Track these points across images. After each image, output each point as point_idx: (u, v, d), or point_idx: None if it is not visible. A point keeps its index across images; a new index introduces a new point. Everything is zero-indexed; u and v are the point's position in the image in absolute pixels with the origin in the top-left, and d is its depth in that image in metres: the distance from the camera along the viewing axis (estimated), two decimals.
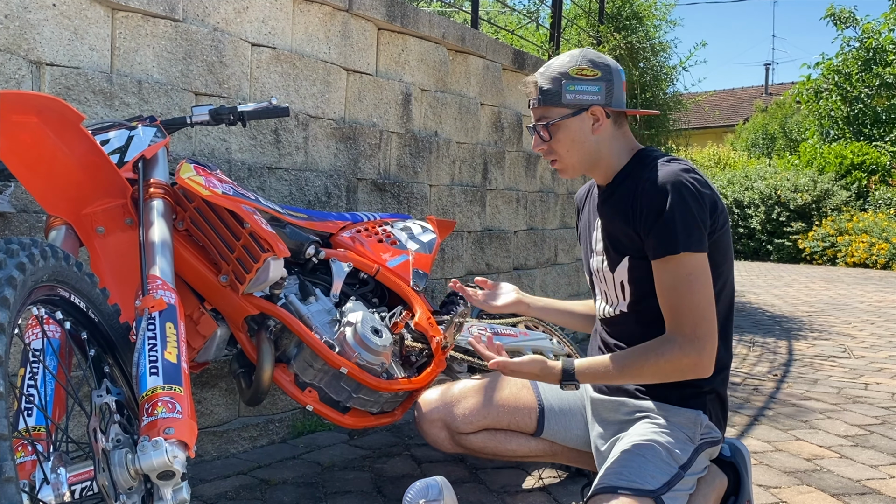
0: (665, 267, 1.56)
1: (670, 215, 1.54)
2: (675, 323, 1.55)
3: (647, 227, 1.58)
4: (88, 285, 1.31)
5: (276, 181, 2.72)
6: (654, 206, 1.56)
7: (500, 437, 1.91)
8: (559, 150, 1.69)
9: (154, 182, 1.72)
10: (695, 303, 1.53)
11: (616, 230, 1.68)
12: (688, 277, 1.54)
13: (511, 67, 4.13)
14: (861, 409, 3.28)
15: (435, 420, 1.92)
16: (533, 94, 1.69)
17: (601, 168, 1.72)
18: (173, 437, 1.22)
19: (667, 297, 1.56)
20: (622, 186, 1.69)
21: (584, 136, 1.67)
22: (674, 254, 1.53)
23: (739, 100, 25.33)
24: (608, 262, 1.72)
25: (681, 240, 1.53)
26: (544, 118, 1.68)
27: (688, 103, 7.61)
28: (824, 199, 13.37)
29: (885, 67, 16.00)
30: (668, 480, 1.52)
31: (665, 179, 1.57)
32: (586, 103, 1.65)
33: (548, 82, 1.66)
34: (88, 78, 2.14)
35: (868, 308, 6.94)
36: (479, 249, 3.88)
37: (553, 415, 1.88)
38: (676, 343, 1.54)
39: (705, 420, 1.67)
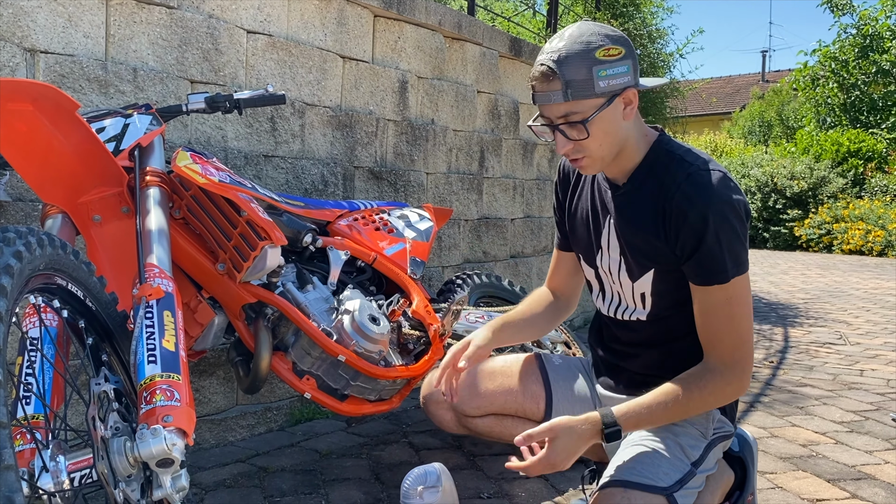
0: (708, 292, 1.47)
1: (716, 242, 1.43)
2: (715, 351, 1.49)
3: (688, 250, 1.47)
4: (85, 273, 1.31)
5: (273, 169, 2.71)
6: (697, 230, 1.44)
7: (507, 423, 1.85)
8: (591, 146, 1.47)
9: (150, 170, 1.71)
10: (734, 327, 1.47)
11: (642, 242, 1.55)
12: (729, 302, 1.46)
13: (508, 55, 4.11)
14: (856, 396, 3.30)
15: (441, 402, 1.85)
16: (551, 86, 1.42)
17: (621, 159, 1.54)
18: (172, 424, 1.23)
19: (706, 320, 1.49)
20: (645, 188, 1.54)
21: (617, 125, 1.47)
22: (722, 283, 1.45)
23: (736, 87, 25.30)
24: (627, 270, 1.60)
25: (729, 268, 1.45)
26: (574, 114, 1.43)
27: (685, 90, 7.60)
28: (820, 186, 13.38)
29: (881, 54, 15.97)
30: (681, 478, 1.47)
31: (708, 200, 1.43)
32: (619, 88, 1.44)
33: (573, 71, 1.40)
34: (83, 65, 2.12)
35: (864, 295, 6.96)
36: (475, 237, 3.88)
37: (561, 404, 1.82)
38: (718, 372, 1.47)
39: (717, 414, 1.63)
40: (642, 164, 1.56)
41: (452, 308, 2.20)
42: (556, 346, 2.74)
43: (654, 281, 1.56)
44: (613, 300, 1.69)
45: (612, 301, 1.70)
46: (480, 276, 2.84)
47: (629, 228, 1.58)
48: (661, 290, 1.57)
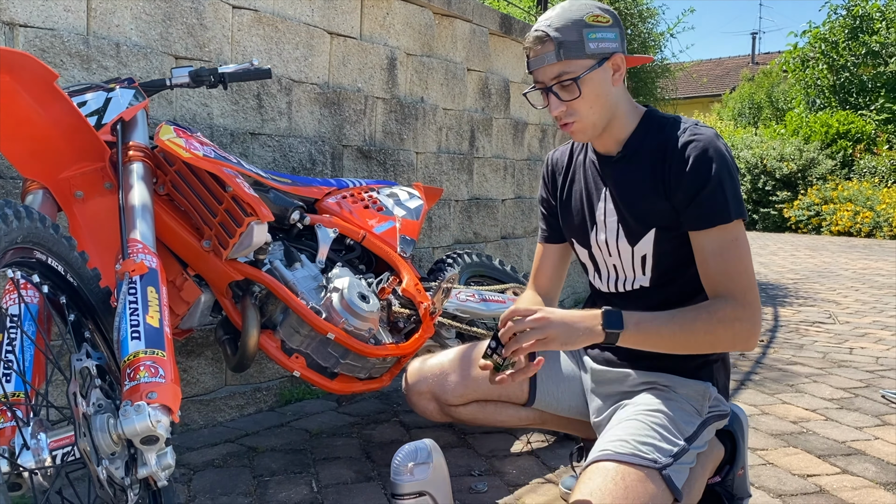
0: (711, 235, 1.48)
1: (718, 183, 1.46)
2: (726, 287, 1.47)
3: (689, 195, 1.48)
4: (66, 248, 1.28)
5: (260, 147, 2.67)
6: (698, 172, 1.47)
7: (490, 409, 1.84)
8: (582, 108, 1.52)
9: (133, 145, 1.68)
10: (744, 268, 1.47)
11: (641, 198, 1.56)
12: (735, 242, 1.47)
13: (498, 32, 4.07)
14: (846, 373, 3.31)
15: (424, 392, 1.84)
16: (545, 49, 1.49)
17: (613, 129, 1.58)
18: (156, 401, 1.20)
19: (713, 264, 1.48)
20: (642, 151, 1.57)
21: (607, 89, 1.53)
22: (726, 222, 1.46)
23: (726, 69, 25.28)
24: (627, 235, 1.60)
25: (732, 207, 1.46)
26: (566, 73, 1.49)
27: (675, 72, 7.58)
28: (810, 168, 13.42)
29: (871, 36, 15.98)
30: (674, 453, 1.45)
31: (705, 144, 1.49)
32: (608, 52, 1.51)
33: (565, 33, 1.48)
34: (64, 40, 2.08)
35: (852, 275, 6.99)
36: (466, 218, 3.85)
37: (545, 385, 1.81)
38: (730, 304, 1.45)
39: (714, 392, 1.62)
40: (636, 131, 1.59)
41: (443, 286, 2.18)
42: None
43: (656, 241, 1.57)
44: (611, 275, 1.68)
45: (609, 276, 1.69)
46: (471, 255, 2.82)
47: (627, 192, 1.59)
48: (663, 250, 1.57)
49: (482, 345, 1.89)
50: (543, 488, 1.98)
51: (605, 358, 1.72)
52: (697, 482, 1.57)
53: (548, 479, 2.05)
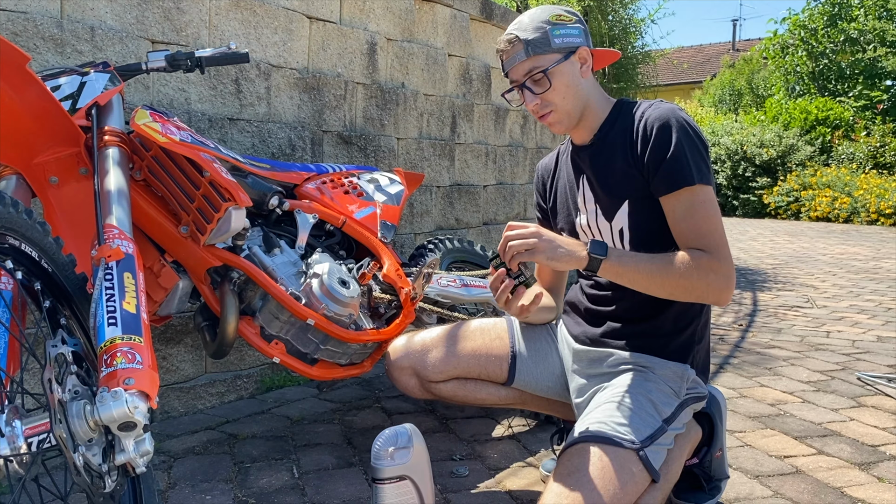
0: (679, 198, 1.54)
1: (680, 148, 1.53)
2: (699, 244, 1.53)
3: (656, 162, 1.55)
4: (40, 234, 1.26)
5: (238, 133, 2.65)
6: (661, 140, 1.55)
7: (470, 386, 1.87)
8: (555, 98, 1.63)
9: (109, 129, 1.65)
10: (713, 226, 1.53)
11: (613, 174, 1.64)
12: (704, 204, 1.53)
13: (479, 17, 4.05)
14: (823, 356, 3.35)
15: (405, 368, 1.88)
16: (514, 49, 1.62)
17: (588, 118, 1.68)
18: (134, 387, 1.19)
19: (684, 225, 1.54)
20: (612, 132, 1.66)
21: (576, 80, 1.64)
22: (690, 185, 1.52)
23: (707, 56, 25.37)
24: (603, 211, 1.67)
25: (694, 172, 1.52)
26: (536, 67, 1.61)
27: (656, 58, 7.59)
28: (789, 154, 13.52)
29: (849, 23, 16.10)
30: (651, 434, 1.47)
31: (667, 115, 1.57)
32: (574, 45, 1.63)
33: (531, 33, 1.61)
34: (37, 23, 2.04)
35: (830, 260, 7.07)
36: (448, 204, 3.85)
37: (524, 364, 1.84)
38: (706, 256, 1.51)
39: (692, 374, 1.64)
40: (608, 118, 1.68)
41: (424, 271, 2.17)
42: None
43: (630, 213, 1.62)
44: None
45: None
46: (452, 241, 2.82)
47: (600, 172, 1.67)
48: (638, 220, 1.62)
49: (464, 324, 1.93)
50: (524, 472, 2.00)
51: (587, 337, 1.74)
52: (675, 463, 1.58)
53: (529, 463, 2.06)
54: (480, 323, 1.93)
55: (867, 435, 2.30)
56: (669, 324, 1.65)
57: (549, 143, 5.05)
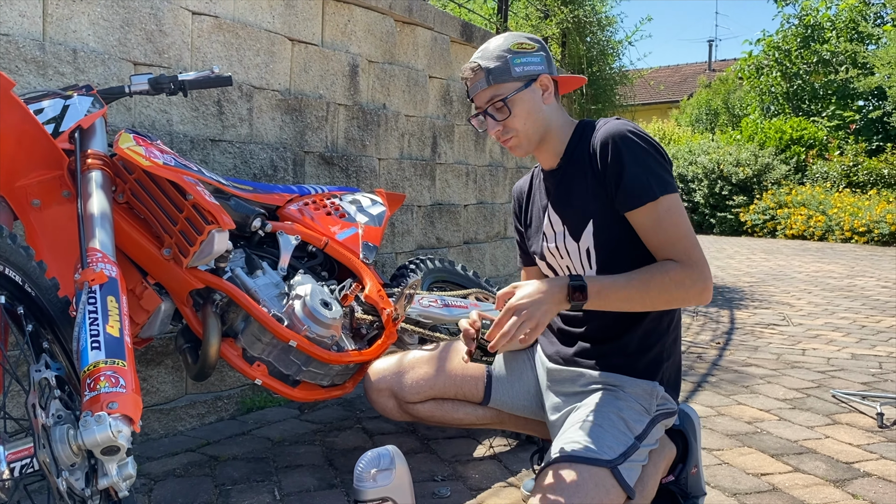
0: (645, 212, 1.56)
1: (635, 163, 1.56)
2: (671, 254, 1.56)
3: (615, 179, 1.58)
4: (23, 258, 1.27)
5: (220, 154, 2.66)
6: (615, 157, 1.57)
7: (448, 407, 1.90)
8: (516, 125, 1.67)
9: (92, 153, 1.66)
10: (682, 233, 1.56)
11: (578, 195, 1.68)
12: (668, 213, 1.56)
13: (459, 40, 4.10)
14: (798, 374, 3.40)
15: (383, 389, 1.91)
16: (477, 77, 1.66)
17: (550, 142, 1.71)
18: (117, 411, 1.19)
19: (654, 237, 1.57)
20: (575, 155, 1.69)
21: (537, 106, 1.67)
22: (652, 200, 1.55)
23: (684, 76, 25.72)
24: (570, 232, 1.70)
25: (654, 186, 1.55)
26: (497, 96, 1.65)
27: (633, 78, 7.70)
28: (765, 173, 13.73)
29: (822, 44, 16.44)
30: (625, 451, 1.50)
31: (615, 131, 1.59)
32: (535, 73, 1.66)
33: (492, 61, 1.65)
34: (19, 46, 2.05)
35: (806, 278, 7.17)
36: (429, 223, 3.87)
37: (500, 384, 1.87)
38: (679, 266, 1.54)
39: (661, 391, 1.67)
40: (570, 141, 1.72)
41: (406, 292, 2.19)
42: None
43: (595, 231, 1.65)
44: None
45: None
46: (434, 260, 2.84)
47: (566, 192, 1.71)
48: (603, 238, 1.65)
49: (442, 345, 1.96)
50: (505, 492, 2.01)
51: (560, 356, 1.77)
52: (650, 480, 1.61)
53: (510, 483, 2.07)
54: (454, 344, 1.95)
55: (842, 452, 2.34)
56: (637, 343, 1.68)
57: (528, 163, 5.10)
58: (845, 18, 16.35)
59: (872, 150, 14.48)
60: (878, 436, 2.51)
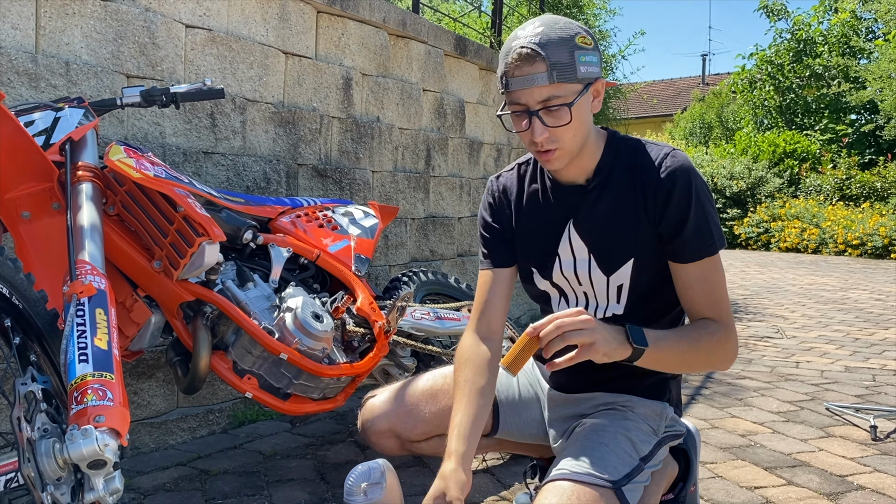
0: (699, 266, 1.48)
1: (702, 213, 1.46)
2: (711, 312, 1.50)
3: (676, 226, 1.47)
4: (11, 270, 1.26)
5: (213, 166, 2.65)
6: (684, 203, 1.45)
7: None
8: (566, 135, 1.42)
9: (82, 165, 1.66)
10: (723, 293, 1.50)
11: (619, 228, 1.52)
12: (716, 269, 1.50)
13: (453, 53, 4.12)
14: (792, 387, 3.40)
15: (384, 431, 1.77)
16: (535, 67, 1.36)
17: (583, 156, 1.51)
18: (104, 425, 1.18)
19: (698, 291, 1.49)
20: (615, 177, 1.52)
21: (588, 115, 1.46)
22: (712, 255, 1.48)
23: (677, 90, 25.86)
24: (601, 264, 1.55)
25: (717, 238, 1.49)
26: (557, 98, 1.38)
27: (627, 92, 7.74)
28: (758, 186, 13.80)
29: (814, 59, 16.56)
30: (629, 472, 1.44)
31: (686, 172, 1.46)
32: (593, 76, 1.42)
33: (558, 53, 1.36)
34: (11, 58, 2.05)
35: (799, 291, 7.18)
36: (423, 236, 3.87)
37: (507, 412, 1.78)
38: (720, 326, 1.48)
39: (670, 412, 1.63)
40: (605, 156, 1.54)
41: (398, 304, 2.19)
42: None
43: (634, 271, 1.53)
44: (580, 302, 1.63)
45: (579, 303, 1.63)
46: (426, 273, 2.84)
47: (602, 221, 1.54)
48: (641, 279, 1.54)
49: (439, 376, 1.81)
50: None
51: (563, 383, 1.70)
52: (651, 500, 1.58)
53: (502, 497, 2.06)
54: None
55: (836, 465, 2.34)
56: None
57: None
58: (837, 33, 16.49)
59: (865, 164, 14.56)
60: (871, 449, 2.50)
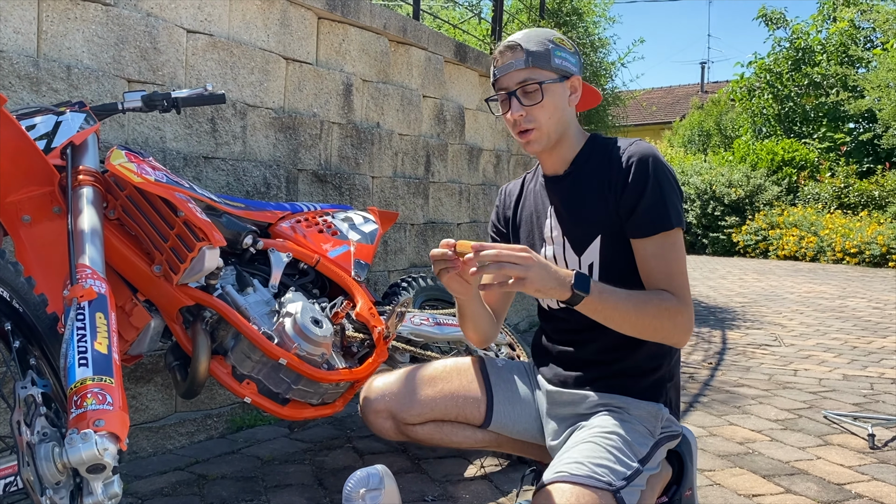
0: (654, 240, 1.57)
1: (659, 190, 1.56)
2: (667, 286, 1.56)
3: (632, 201, 1.57)
4: (12, 274, 1.26)
5: (213, 171, 2.66)
6: (641, 180, 1.57)
7: (447, 429, 1.84)
8: (541, 115, 1.62)
9: (83, 169, 1.66)
10: (680, 269, 1.57)
11: (586, 208, 1.65)
12: (674, 246, 1.57)
13: (453, 60, 4.13)
14: (790, 395, 3.40)
15: (381, 410, 1.83)
16: (515, 55, 1.61)
17: (563, 146, 1.69)
18: (104, 429, 1.18)
19: (654, 265, 1.58)
20: (587, 166, 1.68)
21: (564, 104, 1.65)
22: (668, 230, 1.56)
23: (676, 97, 25.91)
24: (573, 245, 1.67)
25: (672, 215, 1.56)
26: (531, 79, 1.60)
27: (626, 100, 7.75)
28: (757, 194, 13.81)
29: (813, 67, 16.60)
30: (628, 475, 1.46)
31: (647, 155, 1.59)
32: (569, 71, 1.64)
33: (534, 45, 1.62)
34: (13, 62, 2.05)
35: (797, 299, 7.19)
36: (422, 242, 3.87)
37: (501, 406, 1.82)
38: (674, 298, 1.55)
39: (666, 413, 1.65)
40: (582, 151, 1.70)
41: (397, 310, 2.19)
42: (500, 347, 2.75)
43: (602, 248, 1.64)
44: None
45: None
46: (426, 279, 2.84)
47: (572, 205, 1.68)
48: (609, 257, 1.63)
49: (439, 365, 1.89)
50: None
51: (561, 379, 1.74)
52: (647, 502, 1.59)
53: (500, 503, 2.06)
54: (455, 363, 1.89)
55: (833, 473, 2.34)
56: (641, 363, 1.66)
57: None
58: (836, 42, 16.53)
59: (863, 172, 14.59)
60: (869, 457, 2.51)
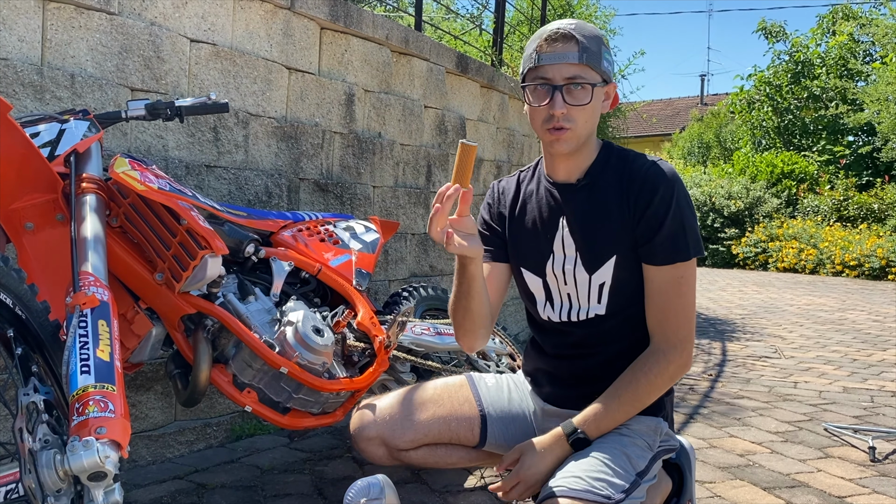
0: (666, 271, 1.54)
1: (680, 218, 1.52)
2: (662, 330, 1.56)
3: (652, 228, 1.53)
4: (15, 281, 1.26)
5: (215, 180, 2.66)
6: (662, 209, 1.52)
7: (441, 452, 1.80)
8: (580, 117, 1.52)
9: (87, 177, 1.67)
10: (682, 306, 1.55)
11: (604, 225, 1.59)
12: (681, 280, 1.54)
13: (454, 71, 4.15)
14: (790, 407, 3.39)
15: (373, 438, 1.77)
16: (568, 47, 1.49)
17: (582, 153, 1.60)
18: (105, 436, 1.18)
19: (659, 301, 1.55)
20: (604, 179, 1.60)
21: (598, 110, 1.57)
22: (685, 260, 1.53)
23: (676, 109, 25.98)
24: (585, 263, 1.61)
25: (691, 246, 1.53)
26: (582, 77, 1.50)
27: (626, 111, 7.77)
28: (756, 206, 13.83)
29: (812, 80, 16.67)
30: (627, 488, 1.46)
31: (671, 179, 1.54)
32: (610, 77, 1.57)
33: (589, 41, 1.50)
34: (17, 70, 2.06)
35: (797, 311, 7.19)
36: (422, 251, 3.88)
37: (495, 424, 1.79)
38: (661, 353, 1.55)
39: (665, 427, 1.65)
40: (597, 160, 1.63)
41: (398, 319, 2.19)
42: (501, 357, 2.75)
43: (616, 268, 1.59)
44: (563, 305, 1.67)
45: (563, 306, 1.67)
46: (426, 288, 2.84)
47: (588, 220, 1.62)
48: (623, 277, 1.60)
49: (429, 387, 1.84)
50: None
51: (556, 398, 1.72)
52: None
53: None
54: (445, 385, 1.84)
55: (834, 486, 2.33)
56: None
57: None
58: (835, 55, 16.61)
59: (862, 185, 14.61)
60: (870, 470, 2.50)
